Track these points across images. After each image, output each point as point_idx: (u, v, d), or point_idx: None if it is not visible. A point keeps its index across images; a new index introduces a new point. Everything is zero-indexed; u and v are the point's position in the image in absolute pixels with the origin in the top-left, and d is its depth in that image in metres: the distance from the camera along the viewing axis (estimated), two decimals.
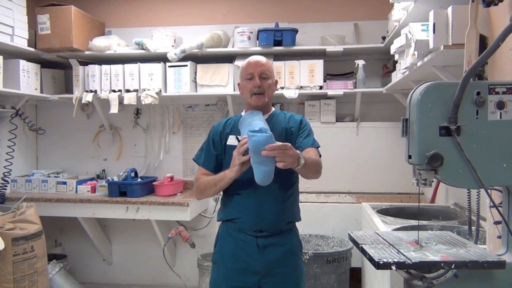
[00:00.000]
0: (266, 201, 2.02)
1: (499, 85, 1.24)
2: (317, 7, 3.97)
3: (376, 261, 1.19)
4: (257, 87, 2.06)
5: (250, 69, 2.10)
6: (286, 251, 2.06)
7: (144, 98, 3.70)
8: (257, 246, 2.02)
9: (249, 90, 2.09)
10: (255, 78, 2.07)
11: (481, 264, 1.18)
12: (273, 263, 2.02)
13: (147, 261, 4.18)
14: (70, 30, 3.62)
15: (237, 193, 2.07)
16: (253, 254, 2.02)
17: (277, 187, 2.02)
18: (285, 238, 2.08)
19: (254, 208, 2.02)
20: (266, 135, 1.81)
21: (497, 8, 1.46)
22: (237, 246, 2.05)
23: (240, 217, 2.05)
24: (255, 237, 2.03)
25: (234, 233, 2.07)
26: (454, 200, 2.99)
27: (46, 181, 3.89)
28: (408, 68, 2.46)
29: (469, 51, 1.52)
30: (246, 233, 2.04)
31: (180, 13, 4.13)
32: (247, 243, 2.03)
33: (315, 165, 2.00)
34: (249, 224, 2.03)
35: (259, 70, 2.07)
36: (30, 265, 3.03)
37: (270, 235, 2.04)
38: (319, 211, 3.59)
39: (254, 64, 2.10)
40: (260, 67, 2.08)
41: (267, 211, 2.03)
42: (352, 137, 3.88)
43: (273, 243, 2.04)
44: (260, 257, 2.01)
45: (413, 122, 1.27)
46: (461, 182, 1.26)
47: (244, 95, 2.15)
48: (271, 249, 2.03)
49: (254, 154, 1.83)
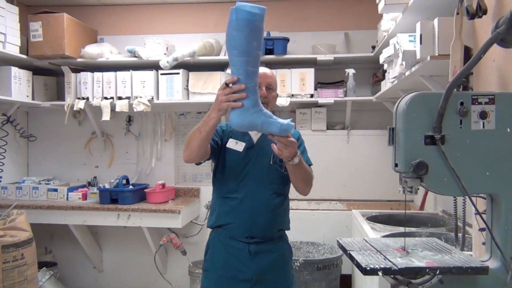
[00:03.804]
0: (259, 207, 2.04)
1: (482, 96, 1.27)
2: (308, 17, 4.02)
3: (363, 267, 1.22)
4: (264, 97, 2.06)
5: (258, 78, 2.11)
6: (277, 258, 2.08)
7: (136, 105, 3.71)
8: (249, 253, 2.03)
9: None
10: (262, 89, 2.05)
11: (465, 269, 1.21)
12: (265, 270, 2.04)
13: (138, 268, 4.16)
14: (62, 38, 3.63)
15: (230, 198, 2.07)
16: (245, 261, 2.02)
17: (270, 194, 2.06)
18: (276, 245, 2.10)
19: (248, 213, 2.03)
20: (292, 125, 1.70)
21: (481, 20, 1.51)
22: (229, 253, 2.05)
23: (232, 223, 2.05)
24: (246, 244, 2.04)
25: (225, 240, 2.06)
26: (443, 208, 3.03)
27: (37, 188, 3.88)
28: (396, 78, 2.50)
29: (454, 62, 1.56)
30: (238, 239, 2.04)
31: (173, 21, 4.16)
32: (239, 249, 2.04)
33: (307, 173, 2.03)
34: (241, 230, 2.04)
35: (267, 81, 2.09)
36: (20, 273, 3.01)
37: (262, 241, 2.05)
38: (309, 218, 3.62)
39: (262, 74, 2.06)
40: (268, 79, 2.10)
41: (260, 217, 2.04)
42: (343, 145, 3.91)
43: (264, 249, 2.05)
44: (251, 264, 2.02)
45: (399, 131, 1.30)
46: (445, 190, 1.29)
47: None
48: (262, 256, 2.04)
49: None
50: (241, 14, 1.58)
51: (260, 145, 2.12)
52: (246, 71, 1.63)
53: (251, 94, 1.67)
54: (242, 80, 1.64)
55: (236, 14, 1.58)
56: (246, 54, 1.61)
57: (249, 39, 1.58)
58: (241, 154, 2.08)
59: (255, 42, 1.60)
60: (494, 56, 1.47)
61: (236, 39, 1.60)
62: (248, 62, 1.63)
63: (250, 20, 1.58)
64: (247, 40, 1.58)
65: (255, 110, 1.68)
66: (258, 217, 2.04)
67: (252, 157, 2.09)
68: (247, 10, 1.57)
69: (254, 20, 1.58)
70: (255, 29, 1.59)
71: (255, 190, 2.06)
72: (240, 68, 1.63)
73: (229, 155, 2.09)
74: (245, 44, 1.59)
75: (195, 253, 3.92)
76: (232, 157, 2.09)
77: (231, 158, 2.09)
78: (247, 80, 1.65)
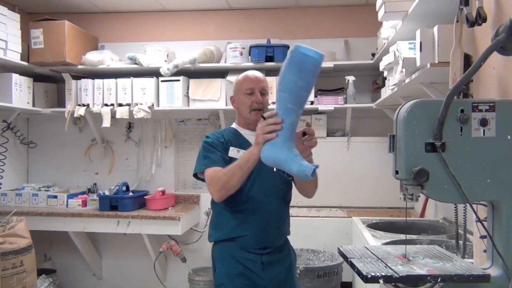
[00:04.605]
0: (270, 217, 2.03)
1: (482, 103, 1.27)
2: (308, 24, 4.04)
3: (364, 274, 1.21)
4: (259, 103, 2.06)
5: (251, 84, 2.07)
6: (289, 267, 2.10)
7: (137, 112, 3.72)
8: (262, 264, 2.01)
9: (249, 105, 2.07)
10: (256, 94, 2.05)
11: (467, 277, 1.20)
12: (278, 279, 2.04)
13: (138, 275, 4.15)
14: (63, 45, 3.64)
15: (240, 210, 2.01)
16: (258, 272, 2.01)
17: (278, 202, 2.06)
18: (285, 254, 2.10)
19: (259, 224, 2.01)
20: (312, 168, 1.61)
21: (480, 28, 1.51)
22: (242, 266, 2.01)
23: (245, 235, 2.00)
24: (259, 255, 2.02)
25: (236, 252, 2.02)
26: (443, 215, 3.03)
27: (37, 195, 3.87)
28: (396, 85, 2.50)
29: (454, 69, 1.56)
30: (250, 251, 2.01)
31: (173, 29, 4.17)
32: (252, 261, 2.01)
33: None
34: (254, 241, 2.01)
35: (260, 86, 2.07)
36: (19, 280, 3.00)
37: (273, 251, 2.05)
38: (310, 225, 3.61)
39: (255, 79, 2.09)
40: (261, 83, 2.08)
41: (271, 226, 2.04)
42: (343, 152, 3.91)
43: (276, 259, 2.05)
44: (265, 274, 2.01)
45: (399, 138, 1.30)
46: (446, 197, 1.29)
47: (241, 110, 2.11)
48: (275, 266, 2.04)
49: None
50: (295, 52, 1.61)
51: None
52: (285, 107, 1.64)
53: (285, 130, 1.66)
54: (280, 115, 1.65)
55: (291, 52, 1.62)
56: (288, 91, 1.62)
57: (295, 78, 1.60)
58: None
59: (301, 82, 1.61)
60: (494, 64, 1.47)
61: (283, 74, 1.63)
62: (289, 99, 1.63)
63: (301, 60, 1.60)
64: (293, 78, 1.60)
65: (284, 146, 1.66)
66: (269, 227, 2.03)
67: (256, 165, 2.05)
68: (301, 51, 1.60)
69: (306, 61, 1.60)
70: (305, 70, 1.60)
71: (264, 200, 2.02)
72: (280, 102, 1.65)
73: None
74: (291, 81, 1.61)
75: (195, 260, 3.91)
76: None
77: None
78: (284, 115, 1.65)
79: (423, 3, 1.93)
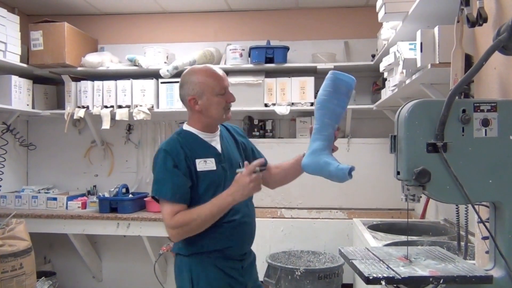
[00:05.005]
0: (251, 223, 2.00)
1: (484, 103, 1.27)
2: (308, 25, 4.03)
3: (366, 276, 1.20)
4: (233, 101, 1.97)
5: (224, 83, 1.94)
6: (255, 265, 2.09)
7: (136, 114, 3.71)
8: (242, 269, 1.97)
9: (223, 106, 1.93)
10: (229, 92, 1.95)
11: (469, 279, 1.19)
12: (253, 279, 2.04)
13: (138, 278, 4.13)
14: (63, 46, 3.64)
15: (229, 221, 1.89)
16: (239, 277, 1.95)
17: (251, 204, 2.03)
18: (253, 254, 2.08)
19: (244, 232, 1.96)
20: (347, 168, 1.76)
21: (481, 28, 1.51)
22: (225, 275, 1.91)
23: (233, 246, 1.92)
24: (240, 261, 1.97)
25: (220, 262, 1.90)
26: (444, 216, 3.02)
27: (36, 197, 3.86)
28: (397, 86, 2.50)
29: (455, 70, 1.56)
30: (234, 259, 1.94)
31: (173, 30, 4.17)
32: (234, 269, 1.94)
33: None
34: (239, 249, 1.95)
35: (228, 82, 1.97)
36: (19, 283, 2.99)
37: (249, 254, 2.03)
38: (310, 227, 3.59)
39: (224, 76, 1.95)
40: (228, 80, 1.98)
41: (252, 232, 2.02)
42: (343, 153, 3.89)
43: (250, 261, 2.04)
44: (244, 279, 1.97)
45: (401, 139, 1.29)
46: (448, 198, 1.29)
47: (211, 111, 1.92)
48: (251, 267, 2.04)
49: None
50: (331, 75, 1.82)
51: (226, 150, 1.99)
52: (322, 122, 1.83)
53: (323, 140, 1.82)
54: (318, 129, 1.83)
55: (328, 76, 1.83)
56: (324, 108, 1.82)
57: (330, 97, 1.80)
58: (216, 171, 1.90)
59: (335, 101, 1.81)
60: (495, 64, 1.47)
61: (320, 95, 1.83)
62: (325, 114, 1.82)
63: (336, 83, 1.81)
64: (329, 97, 1.80)
65: (323, 153, 1.82)
66: (251, 233, 2.01)
67: (226, 168, 1.93)
68: (336, 75, 1.82)
69: (339, 83, 1.81)
70: (339, 91, 1.80)
71: (244, 206, 1.95)
72: (318, 119, 1.84)
73: (206, 178, 1.87)
74: (326, 100, 1.81)
75: None
76: (210, 179, 1.87)
77: (211, 181, 1.87)
78: (321, 129, 1.83)
79: (424, 3, 1.92)
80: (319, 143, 1.81)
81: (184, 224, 1.80)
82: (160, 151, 1.90)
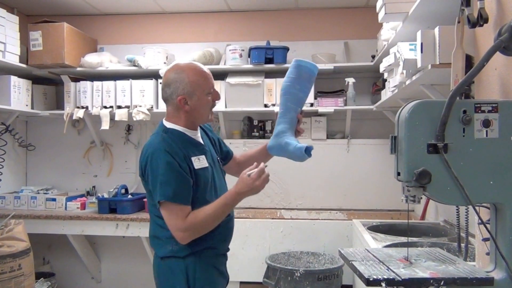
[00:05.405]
0: (233, 217, 2.03)
1: (485, 104, 1.26)
2: (308, 26, 4.03)
3: (366, 277, 1.20)
4: (219, 99, 1.94)
5: (212, 81, 1.88)
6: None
7: (136, 114, 3.70)
8: (225, 263, 2.02)
9: (211, 105, 1.89)
10: (215, 90, 1.90)
11: (470, 280, 1.19)
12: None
13: (137, 278, 4.12)
14: (62, 47, 3.63)
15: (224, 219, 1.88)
16: (224, 271, 2.01)
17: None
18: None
19: (232, 227, 2.00)
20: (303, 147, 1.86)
21: (482, 29, 1.50)
22: (217, 270, 1.94)
23: (223, 241, 1.95)
24: (225, 255, 2.01)
25: (212, 260, 1.90)
26: (444, 217, 3.01)
27: (35, 198, 3.85)
28: (397, 87, 2.49)
29: (456, 71, 1.55)
30: (223, 254, 1.99)
31: (172, 31, 4.16)
32: (222, 264, 1.99)
33: None
34: (227, 244, 2.00)
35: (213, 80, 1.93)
36: (17, 284, 2.98)
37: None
38: (310, 227, 3.59)
39: (210, 74, 1.89)
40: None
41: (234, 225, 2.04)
42: (343, 154, 3.90)
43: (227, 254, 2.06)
44: (226, 272, 2.02)
45: (401, 139, 1.29)
46: (449, 199, 1.28)
47: (200, 111, 1.87)
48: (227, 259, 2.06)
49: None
50: (294, 63, 1.97)
51: (208, 147, 1.98)
52: (286, 106, 1.95)
53: (286, 123, 1.94)
54: (282, 113, 1.96)
55: (292, 64, 1.98)
56: (288, 94, 1.95)
57: (293, 83, 1.94)
58: (208, 168, 1.88)
59: (298, 86, 1.94)
60: (496, 65, 1.46)
61: (284, 82, 1.96)
62: (288, 99, 1.95)
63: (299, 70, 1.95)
64: (292, 83, 1.94)
65: (284, 136, 1.93)
66: (233, 227, 2.03)
67: (212, 164, 1.93)
68: (299, 62, 1.96)
69: (302, 70, 1.95)
70: (301, 77, 1.94)
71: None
72: (282, 104, 1.96)
73: (201, 176, 1.85)
74: (290, 85, 1.95)
75: None
76: (204, 177, 1.85)
77: (205, 178, 1.86)
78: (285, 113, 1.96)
79: (424, 4, 1.91)
80: (283, 126, 1.93)
81: (197, 225, 1.76)
82: (157, 151, 1.79)
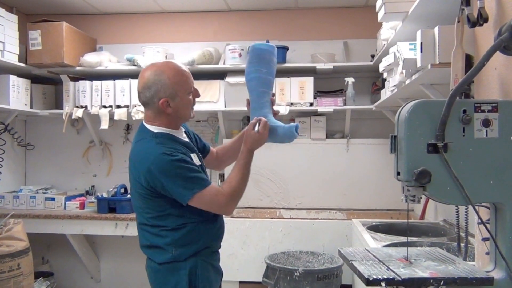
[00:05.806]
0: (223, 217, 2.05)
1: (485, 103, 1.26)
2: (307, 26, 4.03)
3: (366, 277, 1.19)
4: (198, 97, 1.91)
5: (191, 79, 1.86)
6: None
7: (135, 114, 3.70)
8: (219, 259, 2.02)
9: (192, 104, 1.88)
10: (195, 88, 1.88)
11: (470, 280, 1.19)
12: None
13: (136, 278, 4.11)
14: (61, 46, 3.63)
15: (215, 219, 1.90)
16: (219, 267, 2.01)
17: None
18: None
19: (224, 223, 2.00)
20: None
21: (482, 28, 1.50)
22: (214, 268, 1.95)
23: (218, 238, 1.97)
24: (218, 252, 2.02)
25: (209, 258, 1.91)
26: (444, 217, 3.01)
27: (34, 197, 3.84)
28: (396, 86, 2.49)
29: (455, 70, 1.55)
30: (217, 251, 2.00)
31: (172, 30, 4.16)
32: (217, 260, 2.00)
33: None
34: (221, 240, 2.01)
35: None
36: (16, 283, 2.98)
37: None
38: (309, 227, 3.58)
39: (189, 73, 1.86)
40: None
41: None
42: (342, 154, 3.90)
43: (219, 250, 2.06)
44: (220, 268, 2.02)
45: (401, 139, 1.29)
46: (449, 199, 1.28)
47: (183, 111, 1.85)
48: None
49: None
50: (251, 48, 1.99)
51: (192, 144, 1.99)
52: (257, 91, 1.97)
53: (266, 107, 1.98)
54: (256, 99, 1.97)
55: (249, 50, 2.00)
56: (256, 79, 1.97)
57: (258, 67, 1.95)
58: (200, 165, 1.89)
59: (264, 69, 1.95)
60: (496, 64, 1.46)
61: (248, 68, 1.98)
62: (259, 84, 1.96)
63: (258, 53, 1.96)
64: (256, 68, 1.95)
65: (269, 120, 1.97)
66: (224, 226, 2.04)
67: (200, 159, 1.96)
68: (256, 46, 1.98)
69: (262, 53, 1.96)
70: (264, 60, 1.96)
71: None
72: (254, 89, 1.97)
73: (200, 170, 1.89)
74: (255, 70, 1.96)
75: None
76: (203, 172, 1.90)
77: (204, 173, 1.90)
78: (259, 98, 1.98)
79: (424, 3, 1.91)
80: (263, 111, 1.96)
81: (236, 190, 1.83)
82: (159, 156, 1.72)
